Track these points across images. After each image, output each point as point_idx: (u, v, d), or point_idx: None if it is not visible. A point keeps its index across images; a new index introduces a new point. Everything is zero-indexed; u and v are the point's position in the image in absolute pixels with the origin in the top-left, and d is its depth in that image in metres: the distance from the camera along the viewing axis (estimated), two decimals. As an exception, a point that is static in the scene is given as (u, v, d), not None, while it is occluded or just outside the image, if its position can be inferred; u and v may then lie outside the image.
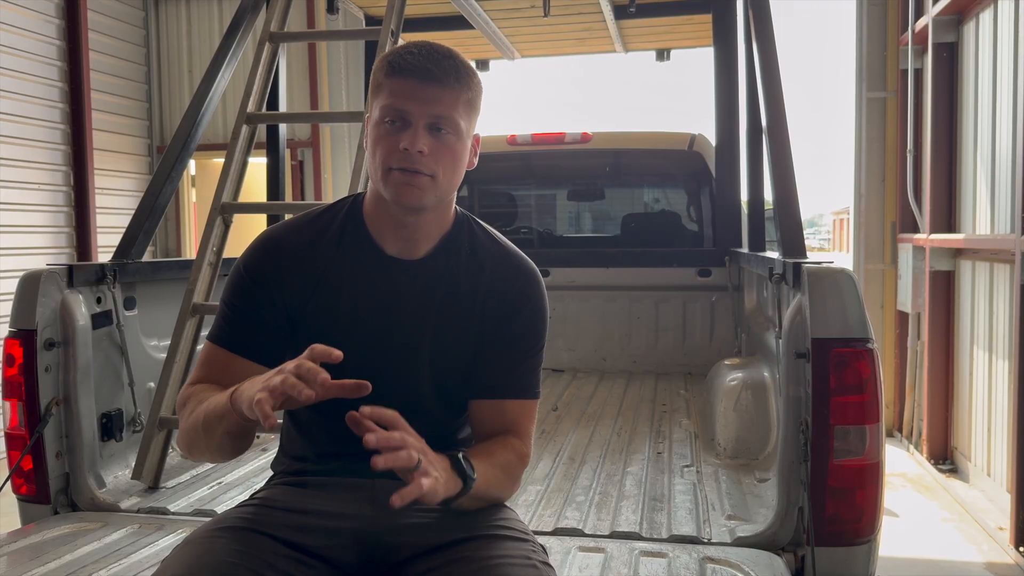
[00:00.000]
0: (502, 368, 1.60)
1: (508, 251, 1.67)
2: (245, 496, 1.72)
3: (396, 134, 1.49)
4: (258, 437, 3.19)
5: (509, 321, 1.61)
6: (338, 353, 1.31)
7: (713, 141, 4.85)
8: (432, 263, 1.60)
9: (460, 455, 1.43)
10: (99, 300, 2.65)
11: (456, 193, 1.63)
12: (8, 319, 2.48)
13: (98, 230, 7.46)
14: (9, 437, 2.48)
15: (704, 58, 7.38)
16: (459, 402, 1.64)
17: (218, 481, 2.73)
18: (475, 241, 1.64)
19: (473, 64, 1.57)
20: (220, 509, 2.40)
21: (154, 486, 2.63)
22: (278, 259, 1.58)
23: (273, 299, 1.56)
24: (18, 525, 2.44)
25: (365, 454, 1.62)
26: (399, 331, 1.58)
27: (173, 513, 2.44)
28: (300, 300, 1.57)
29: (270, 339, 1.57)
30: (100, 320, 2.62)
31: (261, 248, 1.60)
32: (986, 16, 5.67)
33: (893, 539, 4.52)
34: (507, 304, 1.61)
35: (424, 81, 1.48)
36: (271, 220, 3.83)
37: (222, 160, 3.07)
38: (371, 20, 5.22)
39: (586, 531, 2.27)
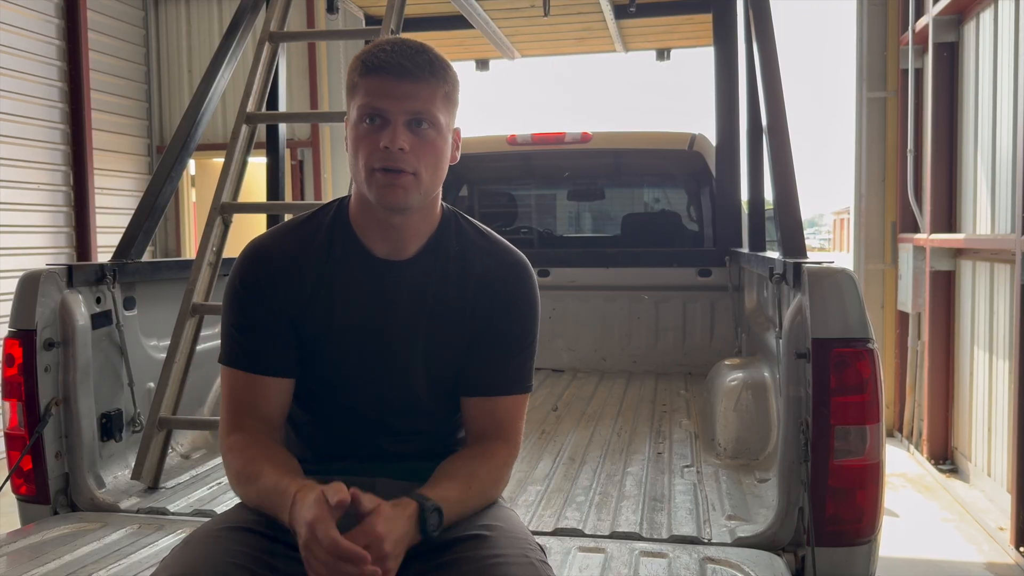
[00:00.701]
0: (494, 364, 1.60)
1: (496, 246, 1.66)
2: (245, 496, 1.72)
3: (375, 133, 1.47)
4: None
5: (500, 316, 1.60)
6: (344, 498, 1.33)
7: (713, 141, 4.84)
8: (421, 263, 1.59)
9: (430, 507, 1.41)
10: (99, 300, 2.65)
11: (441, 190, 1.62)
12: (8, 319, 2.48)
13: (98, 230, 7.45)
14: (9, 437, 2.47)
15: (704, 58, 7.38)
16: (455, 400, 1.64)
17: (218, 481, 2.73)
18: (463, 237, 1.63)
19: (448, 60, 1.55)
20: (220, 509, 2.40)
21: (154, 486, 2.63)
22: (270, 267, 1.57)
23: (273, 308, 1.56)
24: (18, 525, 2.44)
25: (365, 455, 1.63)
26: (392, 333, 1.58)
27: (173, 513, 2.44)
28: (297, 307, 1.57)
29: (285, 350, 1.57)
30: (100, 320, 2.62)
31: (252, 259, 1.59)
32: (986, 16, 5.66)
33: (893, 539, 4.52)
34: (497, 299, 1.60)
35: (399, 77, 1.46)
36: (271, 220, 3.83)
37: (222, 160, 3.07)
38: (371, 20, 5.22)
39: (586, 531, 2.26)
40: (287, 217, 1.82)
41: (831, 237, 40.49)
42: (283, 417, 1.61)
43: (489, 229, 1.69)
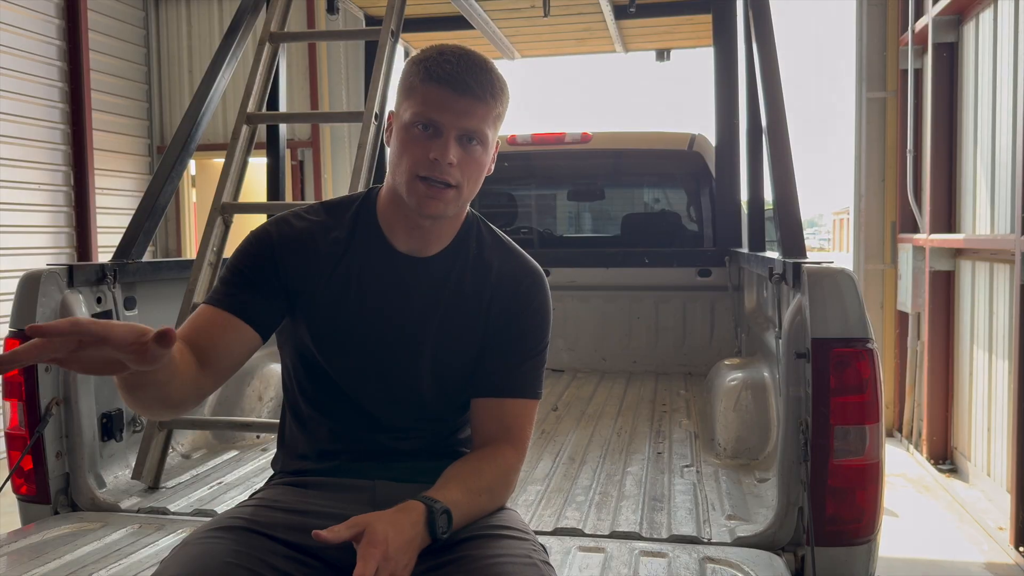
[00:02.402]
0: (505, 367, 1.61)
1: (514, 251, 1.69)
2: (245, 496, 1.72)
3: (426, 142, 1.48)
4: (257, 437, 3.19)
5: (514, 320, 1.61)
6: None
7: (713, 141, 4.85)
8: (441, 261, 1.61)
9: (439, 509, 1.40)
10: (99, 300, 2.65)
11: None
12: (8, 319, 2.48)
13: (98, 230, 7.46)
14: (9, 437, 2.47)
15: (704, 58, 7.38)
16: (460, 401, 1.64)
17: (218, 481, 2.73)
18: (482, 241, 1.66)
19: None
20: (220, 509, 2.40)
21: (154, 486, 2.63)
22: (290, 236, 1.58)
23: (277, 270, 1.55)
24: (18, 525, 2.44)
25: (366, 453, 1.63)
26: (404, 327, 1.59)
27: (173, 513, 2.44)
28: (308, 285, 1.57)
29: (265, 303, 1.54)
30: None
31: (275, 225, 1.61)
32: (986, 16, 5.67)
33: (893, 539, 4.52)
34: (512, 303, 1.62)
35: (460, 92, 1.47)
36: (271, 220, 3.83)
37: (222, 160, 3.07)
38: (371, 20, 5.22)
39: (586, 531, 2.27)
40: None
41: (831, 237, 40.45)
42: (218, 364, 1.49)
43: (508, 237, 1.71)
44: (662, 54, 5.98)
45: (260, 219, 4.42)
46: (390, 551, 1.32)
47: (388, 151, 1.57)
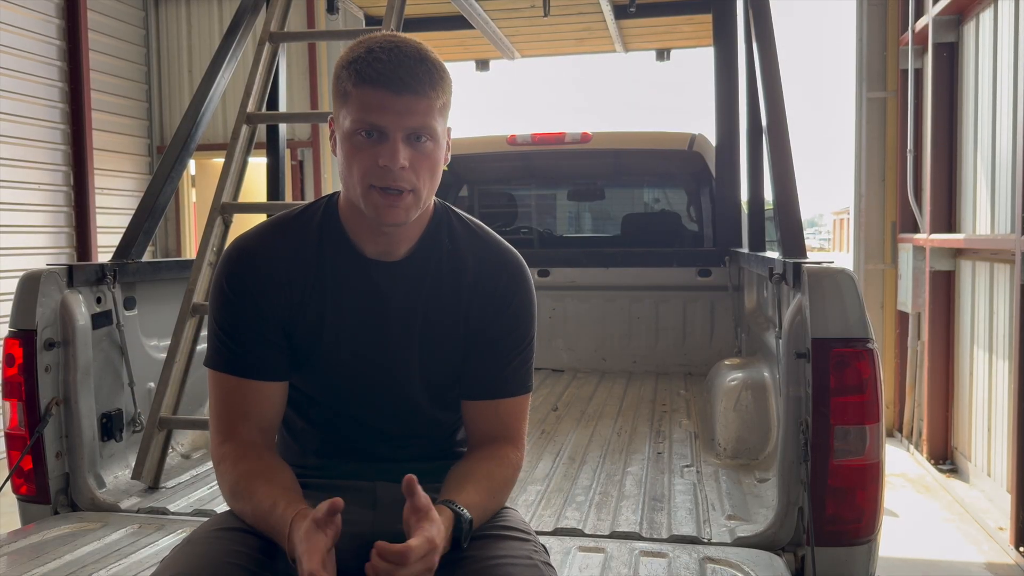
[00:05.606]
0: (493, 367, 1.58)
1: (489, 245, 1.61)
2: (245, 496, 1.71)
3: (372, 148, 1.41)
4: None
5: (495, 319, 1.57)
6: (338, 504, 1.31)
7: (713, 141, 4.85)
8: (413, 264, 1.55)
9: (466, 518, 1.40)
10: (99, 300, 2.65)
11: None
12: (8, 319, 2.48)
13: (98, 230, 7.46)
14: (9, 437, 2.48)
15: (704, 58, 7.38)
16: (453, 402, 1.62)
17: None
18: (455, 236, 1.59)
19: (442, 59, 1.48)
20: (220, 509, 2.39)
21: (154, 486, 2.63)
22: (258, 268, 1.52)
23: (262, 310, 1.51)
24: (18, 525, 2.44)
25: (366, 457, 1.62)
26: (386, 336, 1.55)
27: (173, 513, 2.44)
28: (287, 308, 1.53)
29: (275, 353, 1.53)
30: (100, 320, 2.62)
31: (239, 260, 1.54)
32: (986, 16, 5.67)
33: (893, 539, 4.52)
34: (492, 302, 1.57)
35: (398, 91, 1.39)
36: (271, 220, 3.82)
37: (222, 160, 3.07)
38: (371, 20, 5.23)
39: (586, 531, 2.27)
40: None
41: (831, 237, 40.42)
42: (277, 420, 1.58)
43: (481, 225, 1.64)
44: (662, 54, 5.99)
45: (259, 219, 4.42)
46: (435, 556, 1.31)
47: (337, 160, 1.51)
